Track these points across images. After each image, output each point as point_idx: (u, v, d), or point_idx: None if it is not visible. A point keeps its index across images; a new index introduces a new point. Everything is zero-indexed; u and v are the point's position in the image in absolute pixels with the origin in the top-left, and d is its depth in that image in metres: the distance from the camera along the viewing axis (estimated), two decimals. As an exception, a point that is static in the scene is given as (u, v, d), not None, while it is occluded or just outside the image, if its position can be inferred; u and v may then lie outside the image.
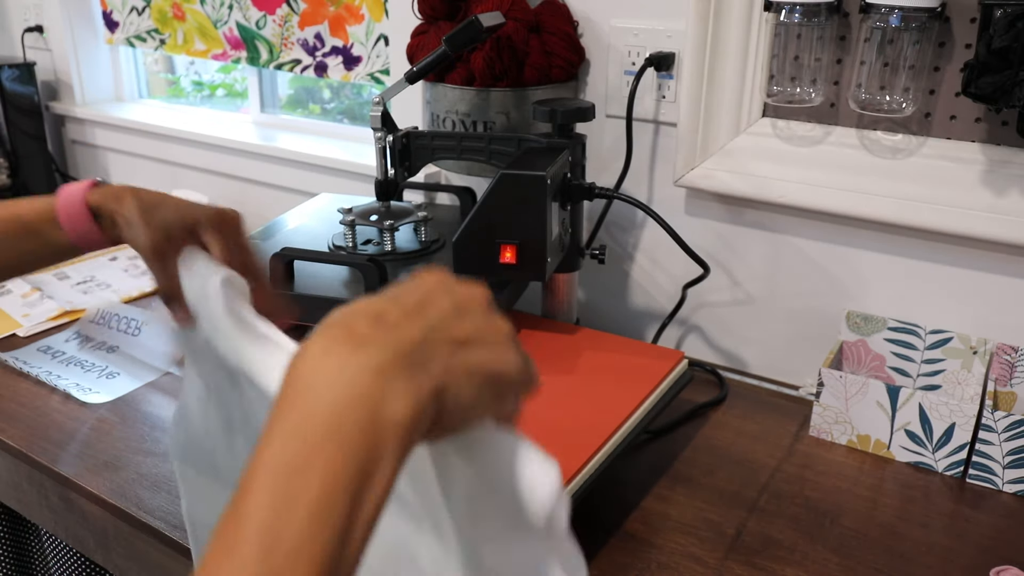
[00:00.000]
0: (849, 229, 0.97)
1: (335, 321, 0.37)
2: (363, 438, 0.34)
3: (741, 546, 0.75)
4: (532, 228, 0.83)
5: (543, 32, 1.03)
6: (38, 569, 1.12)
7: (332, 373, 0.35)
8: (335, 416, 0.34)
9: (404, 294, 0.39)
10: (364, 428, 0.34)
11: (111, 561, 0.87)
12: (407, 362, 0.36)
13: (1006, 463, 0.82)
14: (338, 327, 0.36)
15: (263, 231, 1.09)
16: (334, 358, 0.35)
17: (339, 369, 0.35)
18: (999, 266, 0.90)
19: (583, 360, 0.90)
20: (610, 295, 1.17)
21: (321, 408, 0.34)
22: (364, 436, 0.34)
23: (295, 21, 1.46)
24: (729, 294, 1.08)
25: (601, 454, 0.75)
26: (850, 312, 0.98)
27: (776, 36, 0.93)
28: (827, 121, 0.95)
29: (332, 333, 0.36)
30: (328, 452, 0.33)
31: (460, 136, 0.97)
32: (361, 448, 0.34)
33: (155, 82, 1.94)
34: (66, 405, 0.98)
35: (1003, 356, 0.90)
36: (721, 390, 1.02)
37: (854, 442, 0.90)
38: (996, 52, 0.75)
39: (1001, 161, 0.85)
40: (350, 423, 0.34)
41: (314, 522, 0.32)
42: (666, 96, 1.03)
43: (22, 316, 1.19)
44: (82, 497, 0.85)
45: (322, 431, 0.33)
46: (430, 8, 1.05)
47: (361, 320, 0.37)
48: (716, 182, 1.00)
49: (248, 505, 0.33)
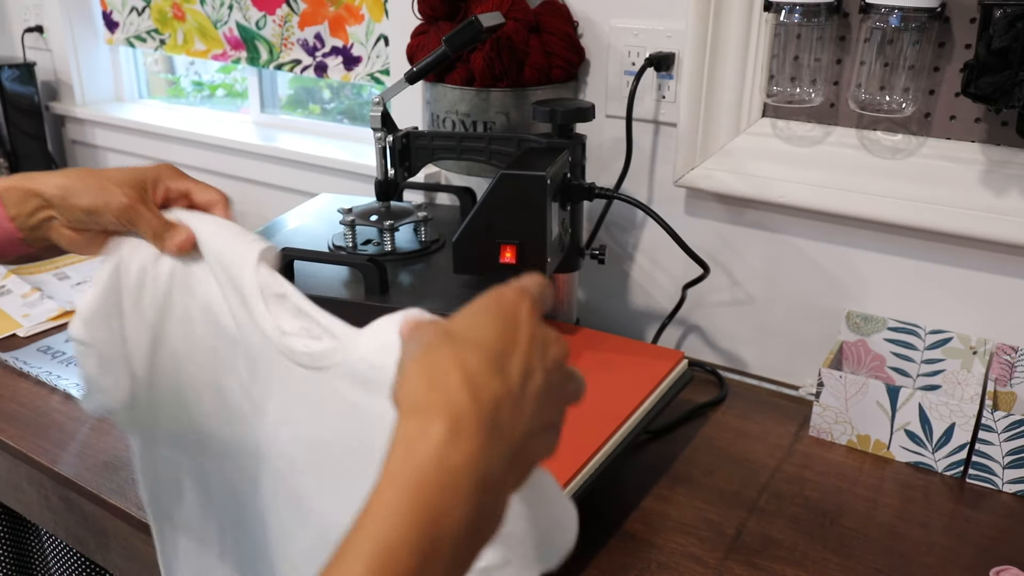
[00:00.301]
0: (849, 229, 0.97)
1: (465, 392, 0.36)
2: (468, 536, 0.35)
3: (741, 546, 0.75)
4: (532, 228, 0.83)
5: (543, 32, 1.03)
6: (38, 569, 1.12)
7: (458, 468, 0.35)
8: (456, 514, 0.34)
9: (509, 359, 0.39)
10: (469, 527, 0.35)
11: (111, 561, 0.87)
12: (514, 460, 0.38)
13: (1006, 463, 0.82)
14: (466, 402, 0.36)
15: (263, 231, 1.09)
16: (462, 449, 0.35)
17: (467, 469, 0.35)
18: (999, 266, 0.90)
19: (583, 360, 0.90)
20: (610, 295, 1.17)
21: (449, 504, 0.34)
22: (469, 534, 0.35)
23: (295, 21, 1.46)
24: (729, 294, 1.08)
25: (601, 454, 0.75)
26: (850, 312, 0.98)
27: (776, 36, 0.93)
28: (827, 121, 0.95)
29: (458, 408, 0.36)
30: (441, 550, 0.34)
31: (460, 136, 0.96)
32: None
33: (155, 82, 1.94)
34: (66, 405, 0.98)
35: (1003, 356, 0.90)
36: (721, 390, 1.02)
37: (854, 442, 0.90)
38: (996, 52, 0.75)
39: (1001, 161, 0.85)
40: (462, 523, 0.35)
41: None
42: (666, 96, 1.03)
43: (22, 316, 1.19)
44: (82, 497, 0.85)
45: (448, 530, 0.34)
46: (430, 8, 1.05)
47: (485, 400, 0.37)
48: (716, 182, 1.00)
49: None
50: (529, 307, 0.42)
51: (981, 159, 0.86)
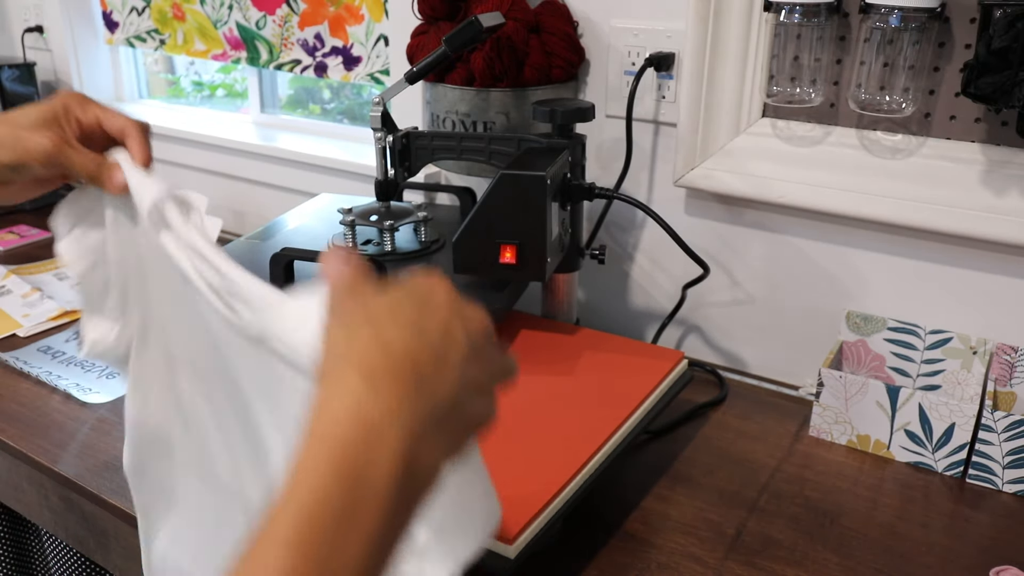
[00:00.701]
0: (849, 229, 0.97)
1: (376, 348, 0.37)
2: (388, 490, 0.35)
3: (741, 546, 0.75)
4: (532, 228, 0.83)
5: (543, 32, 1.03)
6: (38, 569, 1.12)
7: (377, 422, 0.35)
8: (373, 466, 0.34)
9: (426, 323, 0.40)
10: (395, 482, 0.35)
11: (111, 561, 0.87)
12: (443, 421, 0.38)
13: (1006, 463, 0.82)
14: (378, 357, 0.37)
15: (263, 231, 1.09)
16: (380, 403, 0.35)
17: (388, 423, 0.35)
18: (999, 266, 0.90)
19: (583, 360, 0.90)
20: (610, 295, 1.17)
21: (366, 459, 0.34)
22: (389, 488, 0.35)
23: (295, 21, 1.46)
24: (729, 294, 1.08)
25: (601, 454, 0.75)
26: (850, 312, 0.98)
27: (776, 36, 0.93)
28: (827, 121, 0.95)
29: (370, 362, 0.36)
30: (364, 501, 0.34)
31: (460, 136, 0.97)
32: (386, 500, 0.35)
33: (155, 82, 1.94)
34: (66, 405, 0.98)
35: (1003, 356, 0.90)
36: (721, 390, 1.02)
37: (854, 442, 0.90)
38: (996, 52, 0.75)
39: (1001, 161, 0.85)
40: (384, 476, 0.34)
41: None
42: (666, 96, 1.03)
43: (22, 316, 1.19)
44: (82, 497, 0.85)
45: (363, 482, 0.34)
46: (430, 8, 1.05)
47: (398, 353, 0.37)
48: (716, 182, 1.00)
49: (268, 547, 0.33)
50: (446, 288, 0.43)
51: (981, 159, 0.86)
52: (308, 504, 0.33)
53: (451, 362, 0.39)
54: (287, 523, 0.33)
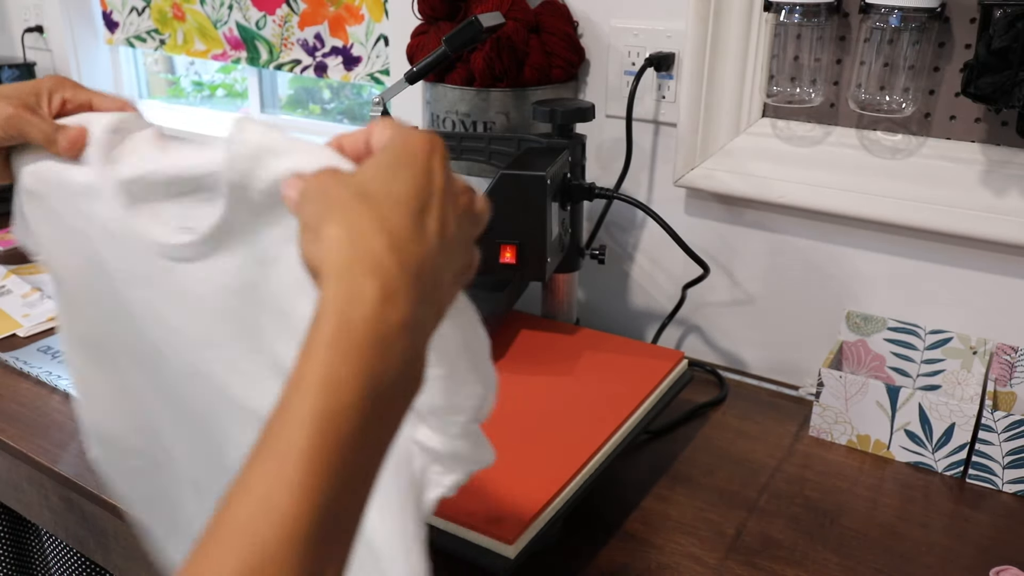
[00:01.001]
0: (849, 229, 0.97)
1: (383, 242, 0.36)
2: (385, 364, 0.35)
3: (741, 546, 0.75)
4: (532, 228, 0.83)
5: (543, 32, 1.03)
6: (38, 569, 1.12)
7: (394, 330, 0.35)
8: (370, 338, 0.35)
9: (424, 206, 0.39)
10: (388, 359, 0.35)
11: (111, 561, 0.87)
12: (437, 308, 0.39)
13: (1006, 463, 0.82)
14: (394, 267, 0.36)
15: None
16: (397, 312, 0.35)
17: (402, 329, 0.35)
18: (999, 266, 0.90)
19: (583, 360, 0.90)
20: (610, 295, 1.17)
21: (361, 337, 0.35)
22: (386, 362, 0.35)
23: (295, 21, 1.46)
24: (729, 294, 1.08)
25: (601, 454, 0.75)
26: (850, 312, 0.98)
27: (776, 36, 0.93)
28: (827, 121, 0.95)
29: (388, 272, 0.36)
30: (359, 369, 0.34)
31: (460, 136, 0.97)
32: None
33: (155, 82, 1.94)
34: (66, 405, 0.98)
35: (1003, 356, 0.90)
36: (721, 390, 1.02)
37: (854, 442, 0.90)
38: (996, 52, 0.75)
39: (1001, 161, 0.85)
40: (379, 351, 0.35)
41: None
42: (666, 96, 1.03)
43: (22, 316, 1.19)
44: (82, 497, 0.85)
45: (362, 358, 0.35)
46: (430, 8, 1.05)
47: (412, 264, 0.37)
48: (716, 182, 1.00)
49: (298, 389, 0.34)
50: (440, 157, 0.41)
51: (981, 159, 0.86)
52: (329, 408, 0.33)
53: (445, 254, 0.39)
54: (308, 425, 0.33)
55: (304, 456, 0.32)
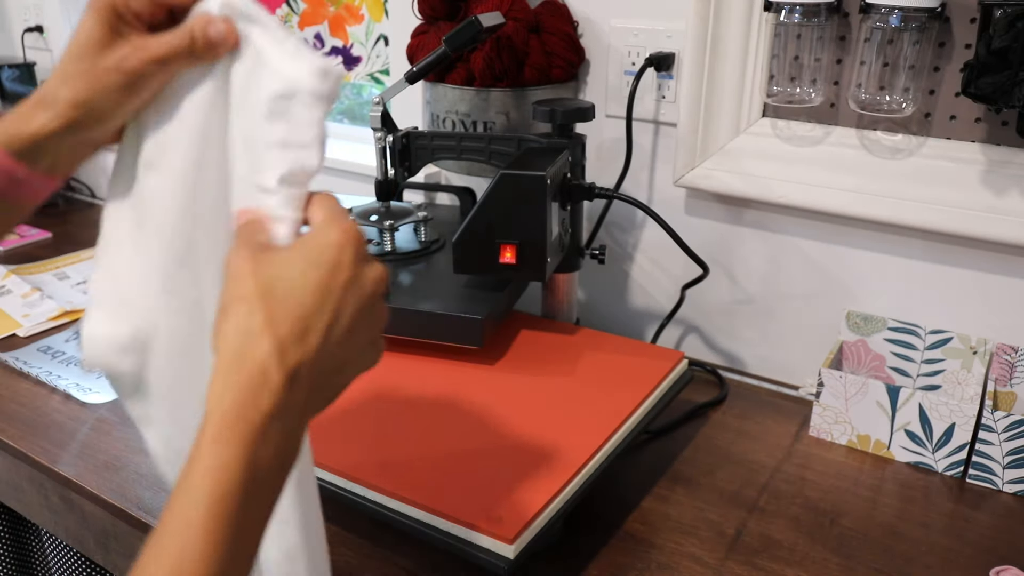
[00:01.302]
0: (849, 229, 0.97)
1: (268, 353, 0.41)
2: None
3: (741, 546, 0.75)
4: (532, 228, 0.83)
5: (543, 32, 1.03)
6: (38, 569, 1.12)
7: (267, 415, 0.40)
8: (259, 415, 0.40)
9: (322, 305, 0.42)
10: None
11: (111, 561, 0.87)
12: (318, 396, 0.44)
13: (1006, 463, 0.82)
14: (274, 368, 0.41)
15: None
16: (269, 401, 0.40)
17: (273, 416, 0.40)
18: (999, 266, 0.90)
19: (583, 360, 0.90)
20: (610, 295, 1.17)
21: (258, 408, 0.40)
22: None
23: (295, 21, 1.46)
24: (729, 294, 1.08)
25: (601, 454, 0.75)
26: (850, 312, 0.98)
27: (776, 36, 0.93)
28: (827, 121, 0.95)
29: (266, 371, 0.40)
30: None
31: (460, 136, 0.97)
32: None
33: (155, 82, 1.94)
34: (66, 405, 0.98)
35: (1003, 356, 0.90)
36: (721, 390, 1.02)
37: (854, 442, 0.90)
38: (996, 52, 0.75)
39: (1001, 161, 0.85)
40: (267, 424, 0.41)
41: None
42: (666, 96, 1.03)
43: (22, 316, 1.19)
44: (82, 497, 0.85)
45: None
46: (430, 8, 1.05)
47: (290, 365, 0.41)
48: (716, 182, 1.00)
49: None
50: (352, 251, 0.44)
51: (981, 159, 0.86)
52: (218, 495, 0.38)
53: (330, 352, 0.43)
54: (201, 514, 0.38)
55: (202, 530, 0.38)
